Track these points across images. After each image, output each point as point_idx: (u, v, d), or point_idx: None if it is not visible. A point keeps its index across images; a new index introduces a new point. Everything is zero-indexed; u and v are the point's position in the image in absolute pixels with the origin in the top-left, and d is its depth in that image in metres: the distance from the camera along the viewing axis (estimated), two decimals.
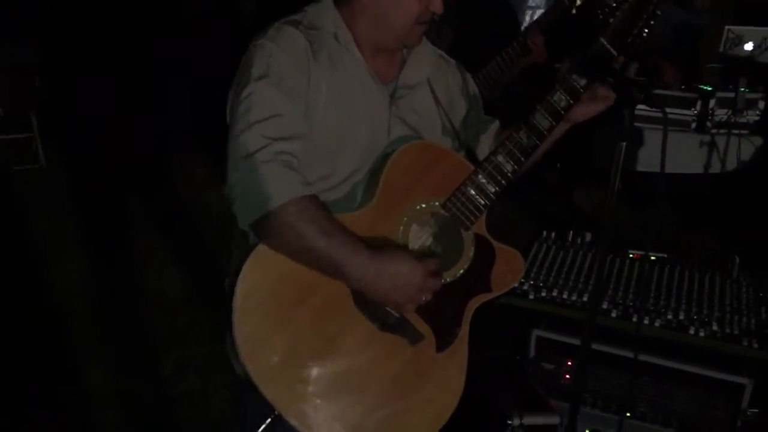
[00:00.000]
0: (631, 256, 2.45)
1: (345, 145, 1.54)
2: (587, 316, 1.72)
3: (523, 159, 1.54)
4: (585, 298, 2.25)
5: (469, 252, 1.57)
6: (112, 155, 5.13)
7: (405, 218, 1.52)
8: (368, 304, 1.47)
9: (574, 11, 2.70)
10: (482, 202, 1.54)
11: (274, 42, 1.49)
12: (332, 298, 1.45)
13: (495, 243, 1.61)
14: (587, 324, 1.70)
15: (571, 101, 1.51)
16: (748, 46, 4.54)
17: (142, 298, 3.61)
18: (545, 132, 1.54)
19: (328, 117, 1.52)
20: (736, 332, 2.12)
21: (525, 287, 2.31)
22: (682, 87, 4.39)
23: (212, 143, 1.90)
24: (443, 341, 1.55)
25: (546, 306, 2.27)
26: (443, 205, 1.55)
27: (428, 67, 1.69)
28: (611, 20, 1.46)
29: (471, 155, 1.78)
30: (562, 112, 1.53)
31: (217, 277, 1.65)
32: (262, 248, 1.42)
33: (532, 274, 2.37)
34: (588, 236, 2.56)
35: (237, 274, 1.42)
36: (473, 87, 1.83)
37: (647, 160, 4.07)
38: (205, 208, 4.48)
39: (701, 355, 2.13)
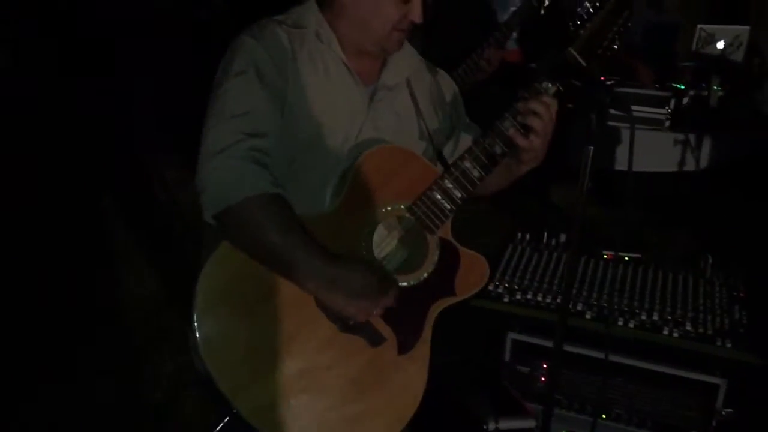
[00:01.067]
0: (605, 256, 2.44)
1: (320, 144, 1.55)
2: (558, 316, 1.71)
3: (490, 165, 1.54)
4: (560, 301, 2.24)
5: (434, 256, 1.58)
6: (82, 156, 5.05)
7: (370, 221, 1.53)
8: (329, 306, 1.47)
9: (542, 12, 2.70)
10: (448, 206, 1.55)
11: (256, 39, 1.51)
12: (294, 298, 1.45)
13: (460, 248, 1.62)
14: (559, 324, 1.69)
15: (539, 109, 1.50)
16: (720, 45, 4.59)
17: (114, 304, 3.55)
18: (512, 138, 1.54)
19: (306, 116, 1.53)
20: (709, 332, 2.12)
21: (500, 290, 2.30)
22: (656, 85, 4.42)
23: (182, 144, 1.87)
24: (405, 344, 1.55)
25: (521, 309, 2.26)
26: (409, 209, 1.56)
27: (407, 68, 1.70)
28: (581, 31, 1.46)
29: (443, 161, 1.77)
30: (528, 120, 1.52)
31: (188, 281, 1.63)
32: (224, 246, 1.43)
33: (507, 277, 2.36)
34: (563, 237, 2.55)
35: (202, 266, 1.43)
36: (456, 94, 1.83)
37: (624, 159, 4.08)
38: (179, 215, 4.43)
39: (675, 356, 2.13)
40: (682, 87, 4.28)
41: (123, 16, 6.40)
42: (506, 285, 2.32)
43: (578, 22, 1.46)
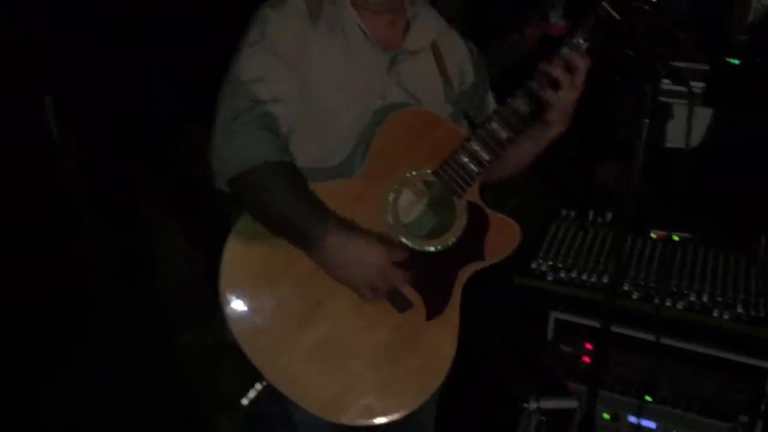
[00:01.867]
0: (653, 235, 2.37)
1: (343, 111, 1.54)
2: (606, 297, 1.67)
3: (519, 126, 1.48)
4: (605, 280, 2.19)
5: (462, 220, 1.55)
6: (117, 136, 5.09)
7: (395, 185, 1.51)
8: None
9: None
10: (475, 169, 1.51)
11: (274, 8, 1.51)
12: (317, 265, 1.45)
13: (489, 211, 1.59)
14: (607, 305, 1.65)
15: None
16: None
17: (153, 278, 3.60)
18: (542, 97, 1.47)
19: (327, 84, 1.52)
20: (761, 315, 2.05)
21: (543, 268, 2.26)
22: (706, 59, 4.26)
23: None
24: (433, 309, 1.54)
25: (564, 288, 2.21)
26: (435, 172, 1.53)
27: (433, 31, 1.66)
28: None
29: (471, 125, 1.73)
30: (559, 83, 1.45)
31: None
32: (245, 216, 1.45)
33: (551, 255, 2.31)
34: (609, 215, 2.48)
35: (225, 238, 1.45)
36: (481, 60, 1.78)
37: (675, 136, 3.96)
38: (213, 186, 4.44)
39: (725, 338, 2.07)
40: (737, 62, 4.12)
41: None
42: (550, 263, 2.28)
43: None
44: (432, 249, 1.54)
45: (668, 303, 2.11)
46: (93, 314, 3.28)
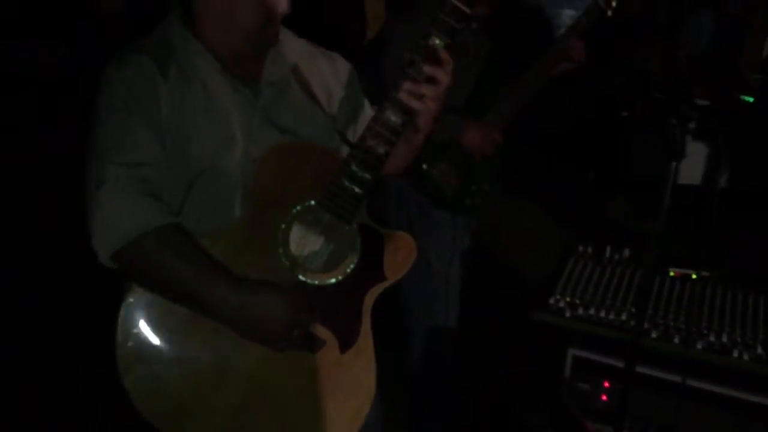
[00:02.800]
0: (671, 274, 2.37)
1: (217, 162, 1.48)
2: (630, 339, 1.66)
3: (393, 139, 1.45)
4: (623, 317, 2.18)
5: (356, 245, 1.52)
6: None
7: (282, 225, 1.47)
8: None
9: (609, 13, 2.63)
10: (359, 191, 1.46)
11: (118, 71, 1.44)
12: (217, 325, 1.40)
13: (381, 230, 1.56)
14: (630, 348, 1.64)
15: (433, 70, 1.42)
16: None
17: None
18: (411, 105, 1.44)
19: (194, 135, 1.46)
20: None
21: (561, 304, 2.25)
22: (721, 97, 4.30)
23: None
24: (346, 342, 1.51)
25: (582, 324, 2.20)
26: (319, 203, 1.48)
27: (290, 57, 1.62)
28: None
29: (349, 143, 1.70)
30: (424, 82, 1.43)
31: None
32: (134, 292, 1.38)
33: (569, 291, 2.30)
34: (626, 252, 2.48)
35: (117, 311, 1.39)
36: (353, 74, 1.75)
37: (689, 173, 3.96)
38: None
39: (745, 380, 2.04)
40: (751, 100, 4.15)
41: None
42: (567, 299, 2.27)
43: None
44: (333, 281, 1.50)
45: (686, 342, 2.09)
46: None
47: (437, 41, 1.40)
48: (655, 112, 1.33)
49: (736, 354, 2.06)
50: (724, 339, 2.10)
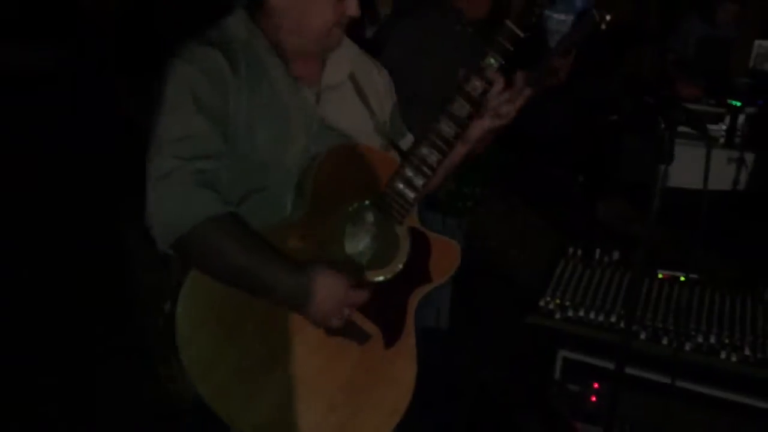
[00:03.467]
0: (660, 276, 2.39)
1: (278, 156, 1.53)
2: (621, 340, 1.67)
3: (446, 148, 1.54)
4: (613, 319, 2.20)
5: (405, 246, 1.58)
6: (105, 154, 5.09)
7: (338, 221, 1.53)
8: None
9: (603, 26, 2.65)
10: (411, 195, 1.55)
11: (189, 63, 1.46)
12: (275, 309, 1.44)
13: (429, 233, 1.63)
14: (621, 350, 1.65)
15: (487, 87, 1.53)
16: None
17: (135, 300, 3.58)
18: (465, 120, 1.54)
19: (258, 131, 1.50)
20: None
21: (551, 306, 2.27)
22: (711, 101, 4.34)
23: None
24: (391, 338, 1.56)
25: (572, 326, 2.22)
26: (374, 204, 1.55)
27: (349, 64, 1.67)
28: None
29: (399, 150, 1.76)
30: (479, 99, 1.54)
31: None
32: (195, 272, 1.41)
33: (559, 293, 2.32)
34: (616, 254, 2.51)
35: (175, 297, 1.41)
36: (391, 83, 1.81)
37: (678, 176, 4.00)
38: None
39: (733, 380, 2.07)
40: (738, 104, 4.19)
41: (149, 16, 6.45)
42: (558, 301, 2.29)
43: None
44: (381, 278, 1.56)
45: (675, 344, 2.12)
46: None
47: (492, 61, 1.51)
48: (645, 115, 1.35)
49: (723, 355, 2.09)
50: (712, 340, 2.13)
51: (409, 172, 1.54)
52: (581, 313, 2.24)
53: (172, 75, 1.45)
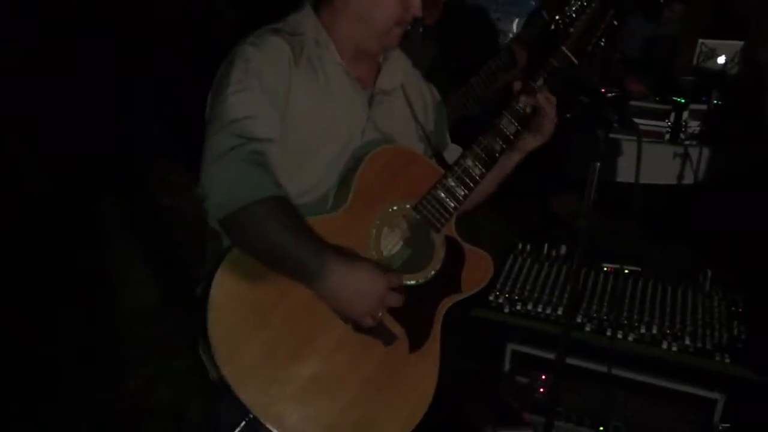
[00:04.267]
0: (605, 269, 2.46)
1: (323, 149, 1.56)
2: (562, 330, 1.72)
3: (490, 162, 1.58)
4: (560, 312, 2.25)
5: (440, 254, 1.60)
6: (85, 159, 5.04)
7: (377, 221, 1.54)
8: None
9: (553, 27, 2.71)
10: (452, 204, 1.58)
11: (256, 47, 1.51)
12: (307, 300, 1.46)
13: (464, 244, 1.65)
14: (562, 338, 1.70)
15: (533, 108, 1.57)
16: (721, 60, 4.62)
17: (115, 308, 3.55)
18: (511, 136, 1.59)
19: (308, 122, 1.53)
20: (708, 347, 2.13)
21: (500, 300, 2.31)
22: (657, 98, 4.45)
23: (185, 147, 1.88)
24: (416, 342, 1.56)
25: (521, 320, 2.27)
26: (414, 208, 1.57)
27: (402, 74, 1.72)
28: (571, 30, 1.50)
29: (441, 161, 1.79)
30: (527, 117, 1.59)
31: (192, 286, 1.63)
32: (233, 254, 1.44)
33: (507, 288, 2.37)
34: (563, 249, 2.57)
35: (209, 279, 1.43)
36: (439, 101, 1.87)
37: (625, 171, 4.10)
38: (181, 216, 4.43)
39: (674, 370, 2.14)
40: (683, 101, 4.31)
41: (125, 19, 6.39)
42: (507, 296, 2.34)
43: (567, 20, 1.49)
44: (413, 282, 1.57)
45: (620, 335, 2.18)
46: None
47: (541, 82, 1.54)
48: (583, 114, 1.40)
49: (665, 345, 2.15)
50: (654, 331, 2.20)
51: (451, 182, 1.57)
52: (529, 307, 2.29)
53: (241, 58, 1.50)
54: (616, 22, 1.52)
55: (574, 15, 1.52)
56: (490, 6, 4.39)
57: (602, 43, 1.53)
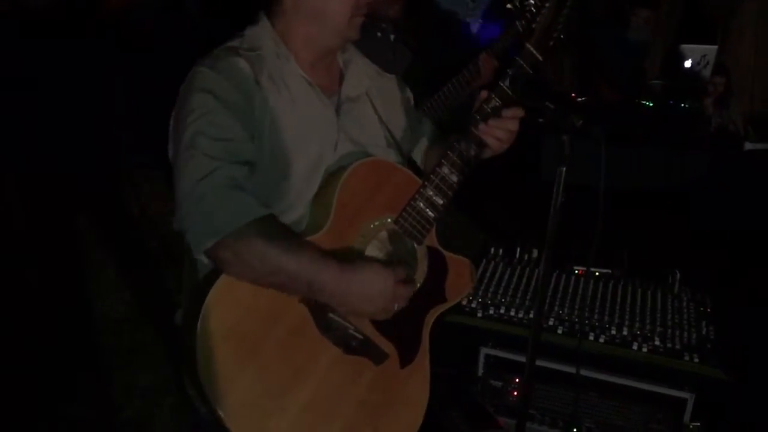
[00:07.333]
0: (576, 271, 2.48)
1: (296, 167, 1.52)
2: (531, 332, 1.73)
3: (466, 169, 1.55)
4: (532, 315, 2.26)
5: (424, 265, 1.60)
6: (57, 169, 4.99)
7: (360, 237, 1.52)
8: (331, 329, 1.46)
9: (519, 27, 2.74)
10: (432, 214, 1.55)
11: (213, 69, 1.46)
12: (295, 327, 1.43)
13: (446, 253, 1.64)
14: (532, 340, 1.71)
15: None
16: (688, 63, 4.70)
17: (87, 319, 3.51)
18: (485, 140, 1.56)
19: (278, 140, 1.49)
20: (677, 347, 2.16)
21: (473, 305, 2.33)
22: (626, 102, 4.52)
23: (159, 155, 1.87)
24: (406, 357, 1.56)
25: (494, 324, 2.28)
26: (396, 221, 1.55)
27: (366, 79, 1.69)
28: (533, 26, 1.49)
29: (413, 166, 1.79)
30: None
31: (164, 297, 1.62)
32: (220, 284, 1.37)
33: (480, 292, 2.38)
34: (535, 252, 2.59)
35: (190, 307, 1.39)
36: (410, 95, 1.84)
37: (595, 174, 4.14)
38: (153, 226, 4.40)
39: (645, 370, 2.16)
40: (650, 104, 4.37)
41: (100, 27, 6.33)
42: (479, 300, 2.35)
43: (528, 16, 1.48)
44: None
45: (591, 337, 2.20)
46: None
47: (507, 82, 1.51)
48: (549, 119, 1.41)
49: (635, 346, 2.18)
50: (625, 332, 2.22)
51: (430, 192, 1.54)
52: (502, 311, 2.31)
53: (200, 82, 1.45)
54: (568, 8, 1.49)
55: (534, 10, 1.50)
56: (460, 9, 4.41)
57: (562, 36, 1.51)
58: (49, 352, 3.21)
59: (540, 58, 1.50)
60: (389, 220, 1.55)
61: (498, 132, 1.52)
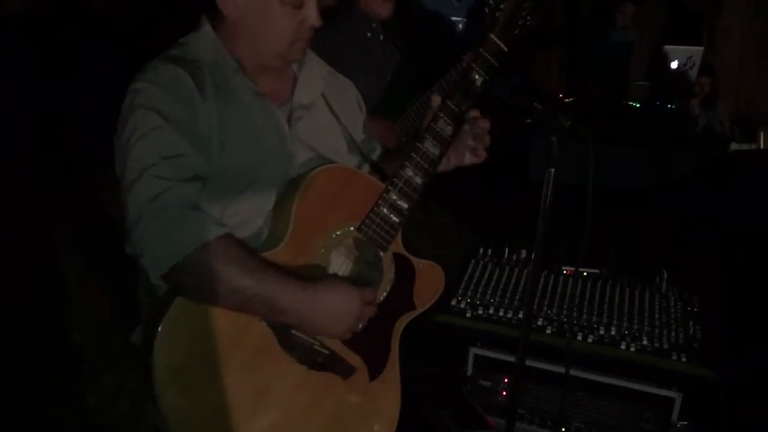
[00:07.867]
0: (564, 272, 2.49)
1: (250, 178, 1.46)
2: (521, 332, 1.74)
3: (431, 170, 1.50)
4: (521, 315, 2.27)
5: (390, 273, 1.54)
6: (34, 171, 4.94)
7: (322, 249, 1.46)
8: (295, 346, 1.42)
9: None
10: (396, 219, 1.49)
11: (153, 84, 1.39)
12: (257, 347, 1.39)
13: (413, 259, 1.59)
14: (521, 340, 1.72)
15: (470, 105, 1.51)
16: (674, 64, 4.73)
17: (71, 322, 3.49)
18: (449, 139, 1.52)
19: (228, 152, 1.43)
20: (665, 347, 2.17)
21: (462, 305, 2.33)
22: (612, 102, 4.54)
23: None
24: (375, 369, 1.52)
25: (483, 324, 2.28)
26: (359, 229, 1.49)
27: (321, 82, 1.64)
28: (497, 14, 1.46)
29: (377, 169, 1.75)
30: (462, 115, 1.52)
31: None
32: (173, 310, 1.32)
33: (469, 292, 2.38)
34: (524, 253, 2.59)
35: (146, 333, 1.35)
36: (359, 95, 1.81)
37: (583, 174, 4.16)
38: None
39: (633, 370, 2.17)
40: (637, 105, 4.40)
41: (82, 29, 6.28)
42: (468, 300, 2.35)
43: (491, 3, 1.46)
44: None
45: (579, 337, 2.21)
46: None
47: (476, 77, 1.47)
48: (537, 120, 1.41)
49: (623, 346, 2.19)
50: (613, 332, 2.23)
51: (393, 196, 1.48)
52: (491, 311, 2.31)
53: (140, 98, 1.38)
54: None
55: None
56: (445, 9, 4.42)
57: (528, 23, 1.47)
58: (37, 354, 3.19)
59: (505, 48, 1.46)
60: (352, 228, 1.49)
61: (469, 141, 1.52)
